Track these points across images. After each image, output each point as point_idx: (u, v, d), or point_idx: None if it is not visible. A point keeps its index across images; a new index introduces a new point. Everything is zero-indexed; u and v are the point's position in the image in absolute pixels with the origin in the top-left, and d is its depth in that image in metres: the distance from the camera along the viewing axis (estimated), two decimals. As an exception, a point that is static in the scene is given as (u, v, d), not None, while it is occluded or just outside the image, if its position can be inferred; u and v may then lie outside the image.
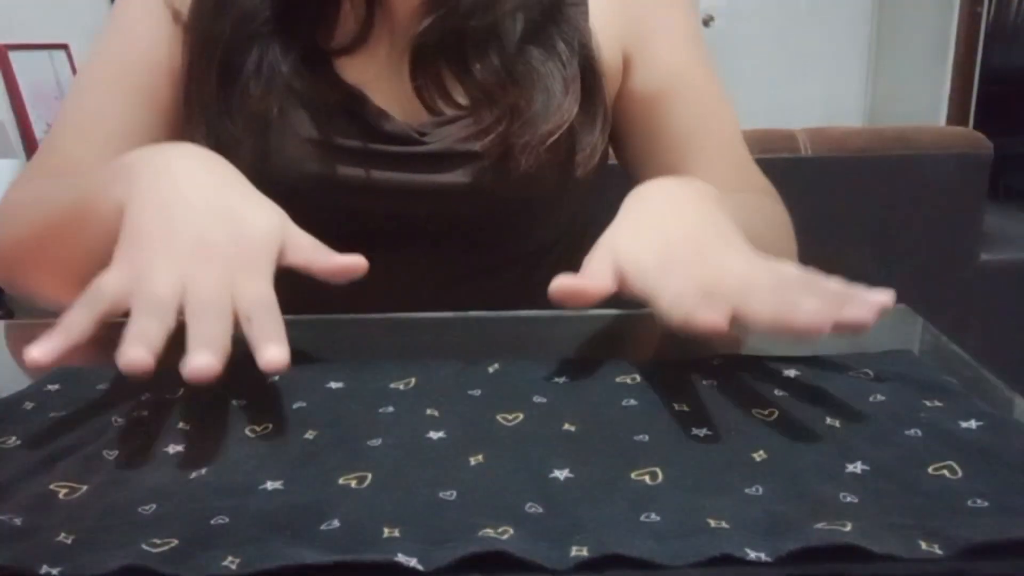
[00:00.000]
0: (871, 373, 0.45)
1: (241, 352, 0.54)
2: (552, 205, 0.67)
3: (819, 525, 0.31)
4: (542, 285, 0.69)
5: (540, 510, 0.33)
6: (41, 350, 0.40)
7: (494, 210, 0.66)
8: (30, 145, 1.97)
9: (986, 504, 0.32)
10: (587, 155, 0.66)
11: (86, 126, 0.69)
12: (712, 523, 0.31)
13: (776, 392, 0.43)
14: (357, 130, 0.65)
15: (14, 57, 1.94)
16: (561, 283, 0.46)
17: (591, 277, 0.47)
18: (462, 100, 0.65)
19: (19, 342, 0.59)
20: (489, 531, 0.31)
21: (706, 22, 4.13)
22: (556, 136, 0.63)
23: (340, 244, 0.65)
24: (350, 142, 0.64)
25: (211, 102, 0.65)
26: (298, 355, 0.53)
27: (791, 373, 0.45)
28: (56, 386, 0.47)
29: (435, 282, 0.67)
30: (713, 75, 0.73)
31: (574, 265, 0.72)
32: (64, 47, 2.11)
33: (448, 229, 0.66)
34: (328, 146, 0.64)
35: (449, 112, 0.65)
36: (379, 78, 0.66)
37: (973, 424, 0.39)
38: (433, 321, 0.58)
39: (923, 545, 0.30)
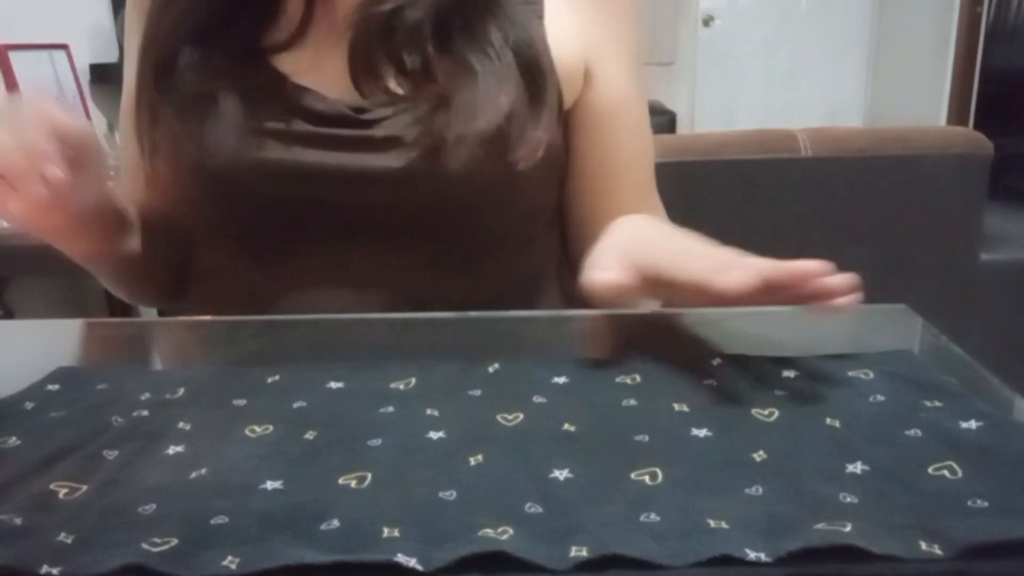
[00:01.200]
0: (871, 373, 0.45)
1: (242, 353, 0.55)
2: (496, 197, 0.66)
3: (819, 525, 0.31)
4: (493, 280, 0.70)
5: (540, 510, 0.33)
6: None
7: (434, 199, 0.65)
8: (30, 145, 1.97)
9: (986, 504, 0.32)
10: (530, 149, 0.65)
11: (121, 164, 0.77)
12: (711, 523, 0.31)
13: (776, 392, 0.43)
14: (290, 113, 0.64)
15: (14, 57, 1.94)
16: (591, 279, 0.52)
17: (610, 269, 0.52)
18: (397, 90, 0.65)
19: (19, 342, 0.59)
20: (489, 531, 0.31)
21: (706, 22, 4.14)
22: (488, 130, 0.63)
23: (282, 236, 0.67)
24: (282, 125, 0.64)
25: (150, 96, 0.67)
26: (298, 355, 0.53)
27: (791, 373, 0.45)
28: (56, 386, 0.47)
29: (381, 275, 0.66)
30: (644, 94, 0.76)
31: (526, 262, 0.73)
32: (64, 47, 2.11)
33: (390, 218, 0.66)
34: (261, 131, 0.64)
35: (385, 97, 0.65)
36: (317, 68, 0.67)
37: (973, 424, 0.39)
38: (432, 321, 0.59)
39: (923, 545, 0.30)
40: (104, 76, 2.17)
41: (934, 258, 1.45)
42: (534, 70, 0.66)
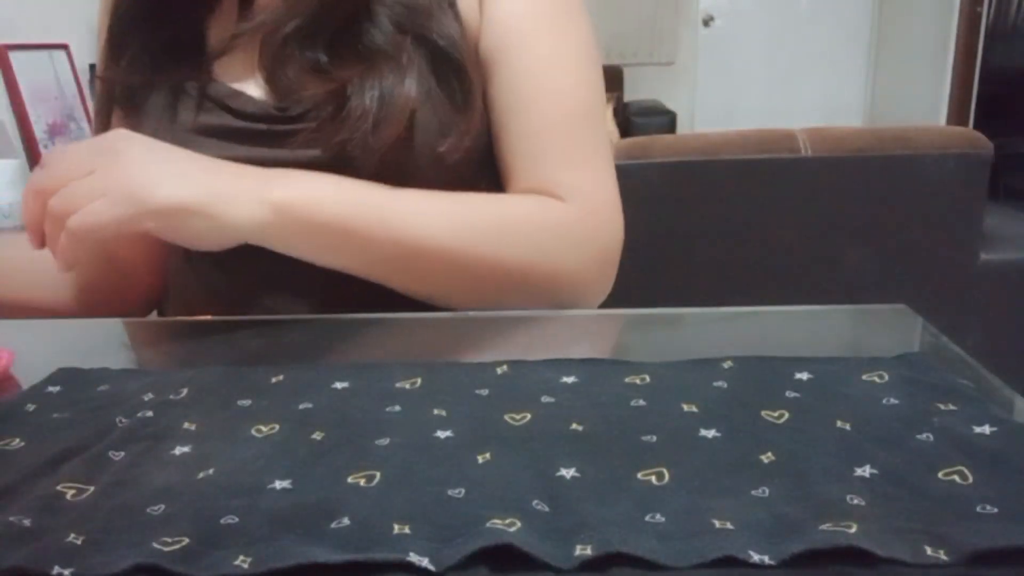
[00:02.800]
0: (885, 376, 0.44)
1: (243, 353, 0.55)
2: (428, 185, 0.63)
3: (824, 526, 0.31)
4: None
5: (546, 508, 0.33)
6: None
7: None
8: (30, 145, 1.96)
9: (995, 510, 0.32)
10: (455, 139, 0.63)
11: None
12: (717, 524, 0.31)
13: (787, 394, 0.43)
14: (221, 113, 0.66)
15: (14, 57, 1.94)
16: None
17: None
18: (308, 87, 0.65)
19: (19, 342, 0.59)
20: (497, 521, 0.31)
21: (706, 22, 4.14)
22: (394, 120, 0.61)
23: None
24: (216, 121, 0.66)
25: (105, 86, 0.71)
26: (300, 355, 0.53)
27: (803, 376, 0.45)
28: (57, 387, 0.47)
29: (318, 270, 0.64)
30: (571, 46, 0.66)
31: None
32: (64, 47, 2.11)
33: None
34: (192, 128, 0.66)
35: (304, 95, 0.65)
36: (248, 72, 0.68)
37: (987, 429, 0.38)
38: (435, 321, 0.59)
39: (928, 550, 0.29)
40: (104, 76, 2.17)
41: (934, 258, 1.45)
42: (449, 57, 0.64)
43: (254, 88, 0.68)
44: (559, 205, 0.64)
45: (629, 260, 0.79)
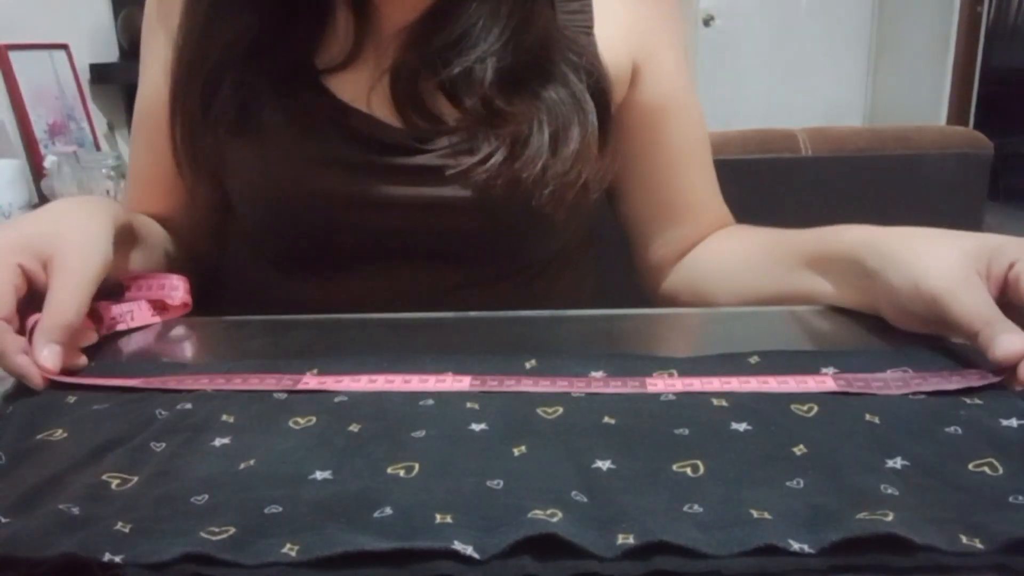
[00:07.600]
0: (910, 370, 0.45)
1: (274, 350, 0.55)
2: (556, 224, 0.65)
3: (860, 515, 0.31)
4: (541, 295, 0.70)
5: (585, 499, 0.33)
6: None
7: (496, 224, 0.64)
8: (30, 145, 1.96)
9: None
10: (599, 179, 0.64)
11: (131, 171, 0.75)
12: (755, 514, 0.32)
13: (815, 388, 0.43)
14: (351, 140, 0.62)
15: (14, 57, 1.93)
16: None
17: None
18: (450, 121, 0.62)
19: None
20: (539, 512, 0.32)
21: (706, 22, 4.14)
22: (567, 169, 0.61)
23: (332, 257, 0.66)
24: (344, 153, 0.62)
25: (195, 124, 0.64)
26: (330, 352, 0.53)
27: (831, 369, 0.45)
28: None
29: (430, 293, 0.66)
30: (694, 90, 0.75)
31: (573, 277, 0.74)
32: (64, 47, 2.11)
33: (447, 242, 0.65)
34: (316, 160, 0.62)
35: (448, 123, 0.62)
36: (371, 90, 0.64)
37: (1015, 423, 0.39)
38: (459, 321, 0.59)
39: (963, 539, 0.30)
40: (104, 76, 2.16)
41: (936, 257, 1.45)
42: (602, 98, 0.64)
43: (384, 110, 0.63)
44: None
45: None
